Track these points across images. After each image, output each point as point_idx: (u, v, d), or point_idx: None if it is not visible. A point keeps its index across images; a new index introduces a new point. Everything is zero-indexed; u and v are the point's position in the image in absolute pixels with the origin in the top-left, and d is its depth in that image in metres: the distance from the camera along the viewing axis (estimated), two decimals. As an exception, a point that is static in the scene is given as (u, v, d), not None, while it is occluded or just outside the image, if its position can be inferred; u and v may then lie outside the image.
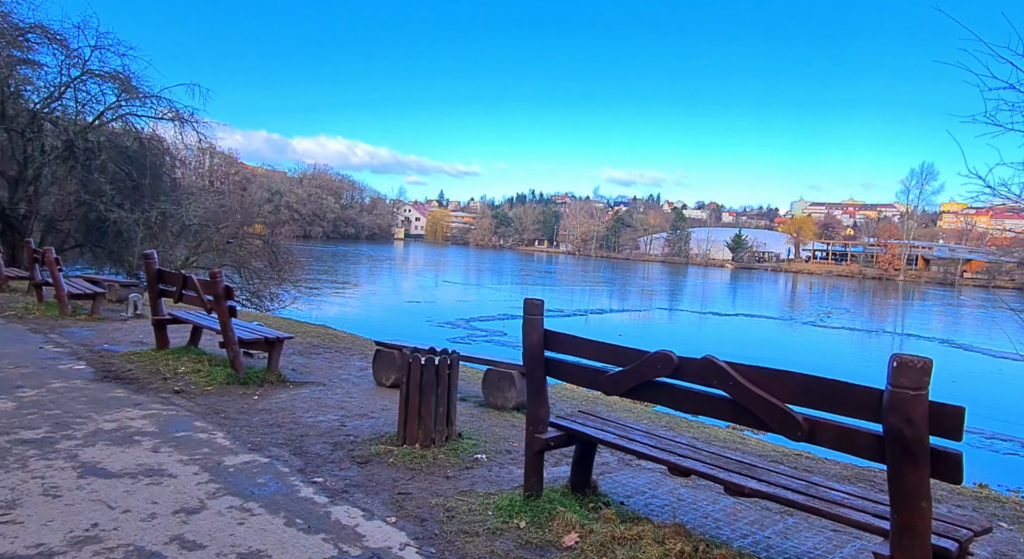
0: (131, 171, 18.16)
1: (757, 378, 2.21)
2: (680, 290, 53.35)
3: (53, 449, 3.73)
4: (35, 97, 17.90)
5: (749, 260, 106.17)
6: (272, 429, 4.47)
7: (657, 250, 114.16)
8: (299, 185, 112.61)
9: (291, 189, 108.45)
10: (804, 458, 4.56)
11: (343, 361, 7.53)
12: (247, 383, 5.71)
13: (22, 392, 4.95)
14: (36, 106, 17.66)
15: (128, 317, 9.43)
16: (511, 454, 4.11)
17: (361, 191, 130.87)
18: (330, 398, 5.54)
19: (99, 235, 17.94)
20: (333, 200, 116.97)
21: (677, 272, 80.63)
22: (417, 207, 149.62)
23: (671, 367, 2.50)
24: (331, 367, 7.09)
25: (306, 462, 3.82)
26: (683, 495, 3.48)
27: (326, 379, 6.38)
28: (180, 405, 4.92)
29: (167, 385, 5.48)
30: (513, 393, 5.17)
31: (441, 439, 4.03)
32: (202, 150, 27.38)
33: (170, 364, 6.14)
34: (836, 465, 4.41)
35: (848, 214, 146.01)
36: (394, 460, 3.83)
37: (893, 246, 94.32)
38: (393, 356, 6.13)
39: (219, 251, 18.45)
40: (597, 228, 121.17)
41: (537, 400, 3.09)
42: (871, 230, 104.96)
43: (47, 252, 8.85)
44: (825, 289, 64.80)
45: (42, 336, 7.46)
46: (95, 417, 4.43)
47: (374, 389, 6.10)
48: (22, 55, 17.07)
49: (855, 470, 4.25)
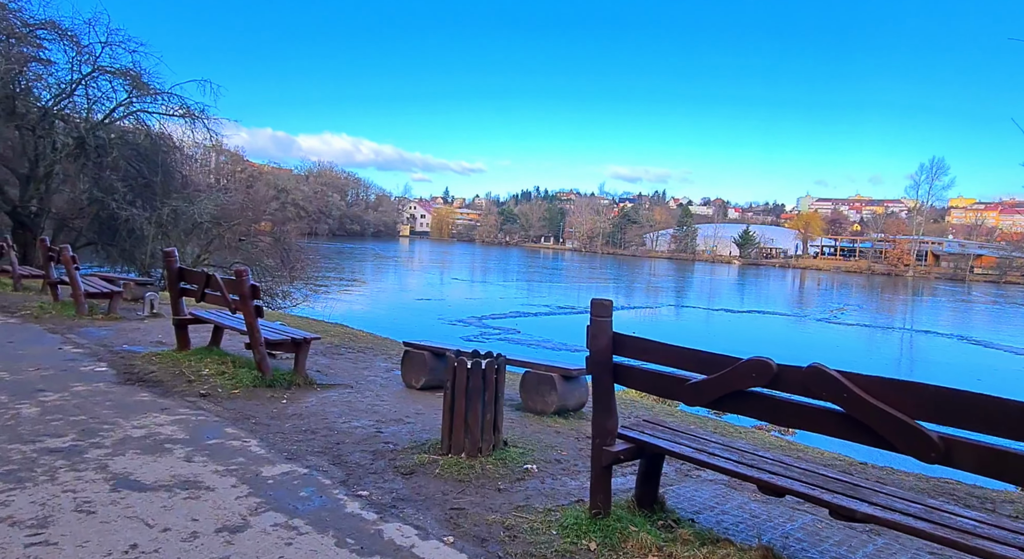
0: (142, 168, 18.01)
1: (879, 390, 1.98)
2: (689, 287, 53.01)
3: (82, 459, 3.54)
4: (46, 94, 17.78)
5: (757, 256, 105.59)
6: (307, 436, 4.27)
7: (663, 246, 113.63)
8: (305, 182, 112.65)
9: (297, 186, 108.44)
10: (872, 469, 4.32)
11: (367, 362, 7.33)
12: (274, 386, 5.51)
13: (45, 396, 4.76)
14: (47, 103, 17.52)
15: (144, 316, 9.26)
16: (562, 464, 3.89)
17: (366, 188, 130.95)
18: (360, 401, 5.33)
19: (111, 233, 17.81)
20: (339, 197, 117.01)
21: (684, 268, 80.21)
22: (422, 204, 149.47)
23: (768, 376, 2.27)
24: (356, 368, 6.89)
25: (347, 473, 3.61)
26: (755, 510, 3.25)
27: (353, 381, 6.18)
28: (208, 410, 4.72)
29: (192, 388, 5.28)
30: (554, 397, 4.95)
31: (488, 448, 3.81)
32: (208, 148, 27.26)
33: (193, 366, 5.95)
34: (910, 476, 4.17)
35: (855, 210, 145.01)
36: (440, 471, 3.62)
37: (902, 242, 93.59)
38: (423, 357, 5.92)
39: (231, 249, 18.29)
40: (603, 225, 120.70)
41: (604, 410, 2.87)
42: (879, 226, 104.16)
43: (63, 250, 8.68)
44: (834, 285, 64.30)
45: (60, 336, 7.29)
46: (122, 423, 4.24)
47: (403, 391, 5.89)
48: (33, 52, 16.92)
49: (932, 482, 4.00)
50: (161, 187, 17.62)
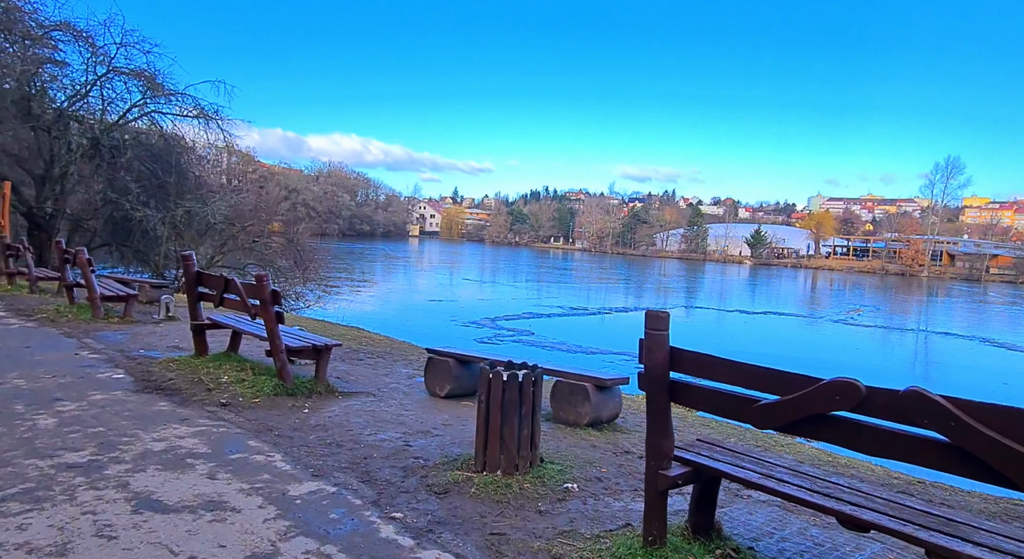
0: (156, 169, 17.98)
1: (993, 419, 1.76)
2: (701, 287, 52.59)
3: (101, 476, 3.37)
4: (61, 95, 17.78)
5: (768, 256, 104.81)
6: (332, 449, 4.09)
7: (674, 246, 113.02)
8: (315, 183, 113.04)
9: (307, 187, 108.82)
10: (933, 488, 4.09)
11: (387, 368, 7.16)
12: (295, 394, 5.34)
13: (62, 406, 4.61)
14: (62, 104, 17.52)
15: (160, 319, 9.15)
16: (603, 482, 3.68)
17: (376, 188, 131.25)
18: (384, 411, 5.15)
19: (124, 234, 17.79)
20: (349, 198, 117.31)
21: (695, 269, 79.68)
22: (432, 204, 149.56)
23: (856, 399, 2.06)
24: (376, 375, 6.71)
25: (378, 492, 3.42)
26: (817, 537, 3.03)
27: (375, 388, 6.00)
28: (229, 420, 4.55)
29: (212, 397, 5.12)
30: (587, 408, 4.75)
31: (525, 465, 3.61)
32: (220, 148, 27.29)
33: (212, 373, 5.80)
34: (975, 497, 3.93)
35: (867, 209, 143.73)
36: (476, 490, 3.42)
37: (916, 241, 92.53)
38: (447, 365, 5.73)
39: (244, 250, 18.23)
40: (613, 225, 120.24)
41: (660, 430, 2.66)
42: (892, 225, 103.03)
43: (79, 253, 8.58)
44: (848, 286, 63.63)
45: (76, 341, 7.17)
46: (142, 435, 4.08)
47: (428, 400, 5.70)
48: (48, 53, 16.93)
49: (1003, 505, 3.77)
50: (175, 188, 17.59)
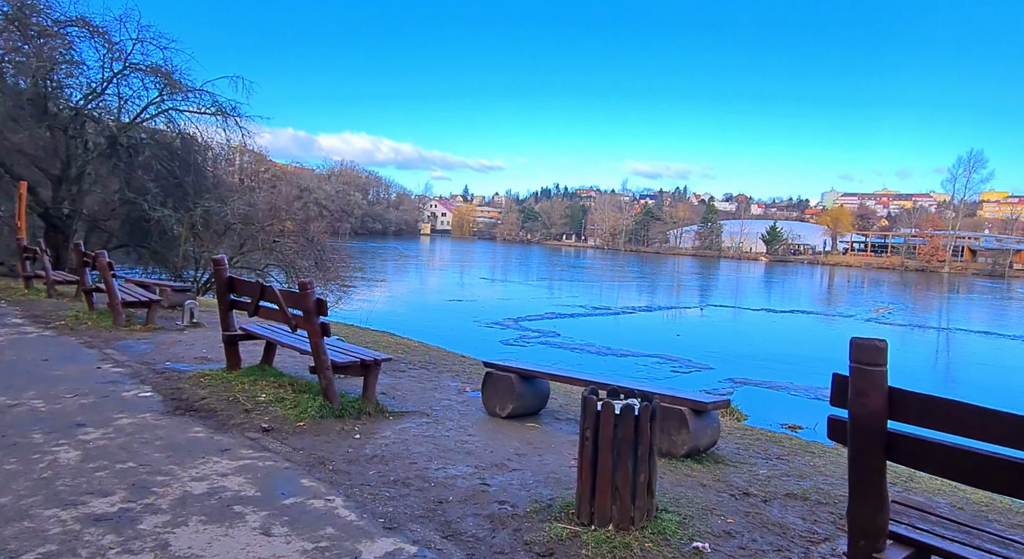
0: (174, 168, 17.52)
1: None
2: (720, 285, 51.70)
3: (135, 531, 2.79)
4: (77, 93, 17.36)
5: (784, 253, 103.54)
6: (399, 489, 3.49)
7: (687, 243, 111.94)
8: (327, 182, 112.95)
9: (319, 186, 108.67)
10: None
11: (434, 381, 6.56)
12: (342, 415, 4.75)
13: (85, 433, 4.05)
14: (78, 102, 17.10)
15: (184, 326, 8.62)
16: (736, 539, 3.04)
17: (387, 187, 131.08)
18: (445, 436, 4.55)
19: (142, 235, 17.35)
20: (360, 196, 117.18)
21: (710, 266, 78.70)
22: (443, 202, 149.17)
23: None
24: (423, 389, 6.11)
25: (468, 553, 2.81)
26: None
27: (426, 407, 5.40)
28: (274, 450, 3.97)
29: (251, 420, 4.54)
30: (685, 436, 4.11)
31: (642, 517, 2.98)
32: (233, 148, 26.87)
33: (248, 389, 5.23)
34: None
35: (882, 204, 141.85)
36: (588, 553, 2.80)
37: (936, 237, 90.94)
38: (509, 381, 5.12)
39: (265, 250, 17.73)
40: (625, 222, 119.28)
41: (872, 498, 2.02)
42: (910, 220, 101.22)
43: (99, 256, 8.06)
44: (870, 282, 62.44)
45: (97, 351, 6.64)
46: (178, 472, 3.50)
47: (488, 421, 5.09)
48: (63, 50, 16.50)
49: None
50: (193, 187, 17.12)
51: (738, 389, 14.93)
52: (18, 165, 16.07)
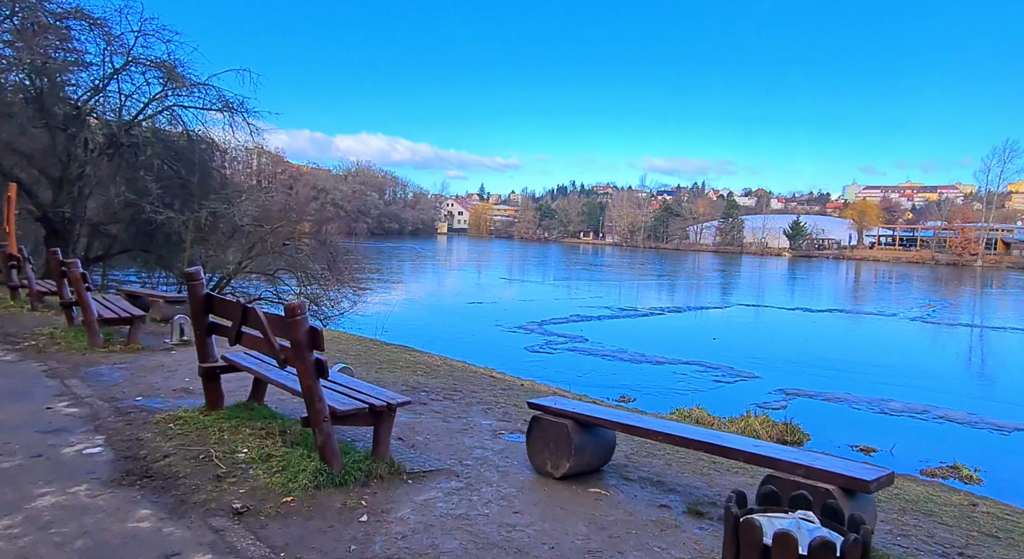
0: (179, 168, 16.54)
1: None
2: (746, 282, 49.93)
3: None
4: (77, 92, 16.43)
5: (808, 248, 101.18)
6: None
7: (708, 239, 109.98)
8: (343, 182, 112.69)
9: (336, 186, 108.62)
10: None
11: (462, 417, 5.33)
12: (345, 482, 3.54)
13: (-18, 526, 2.88)
14: (79, 99, 16.18)
15: (173, 344, 7.51)
16: None
17: (404, 187, 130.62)
18: (483, 515, 3.31)
19: (147, 238, 16.40)
20: (377, 196, 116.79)
21: (733, 262, 76.75)
22: (459, 201, 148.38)
23: None
24: (450, 431, 4.89)
25: None
26: None
27: (455, 459, 4.18)
28: (245, 552, 2.76)
29: (222, 493, 3.35)
30: (838, 531, 2.82)
31: None
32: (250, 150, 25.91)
33: (226, 440, 4.05)
34: None
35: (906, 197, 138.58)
36: None
37: (968, 229, 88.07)
38: (564, 430, 3.87)
39: (275, 253, 16.67)
40: (644, 218, 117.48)
41: None
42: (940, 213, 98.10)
43: (71, 265, 6.96)
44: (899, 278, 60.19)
45: (58, 382, 5.52)
46: (91, 605, 2.31)
47: (537, 484, 3.85)
48: (62, 44, 15.56)
49: None
50: (199, 187, 16.11)
51: (791, 402, 13.53)
52: (16, 166, 15.18)
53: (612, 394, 13.31)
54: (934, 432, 11.77)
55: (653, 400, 13.13)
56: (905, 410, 13.01)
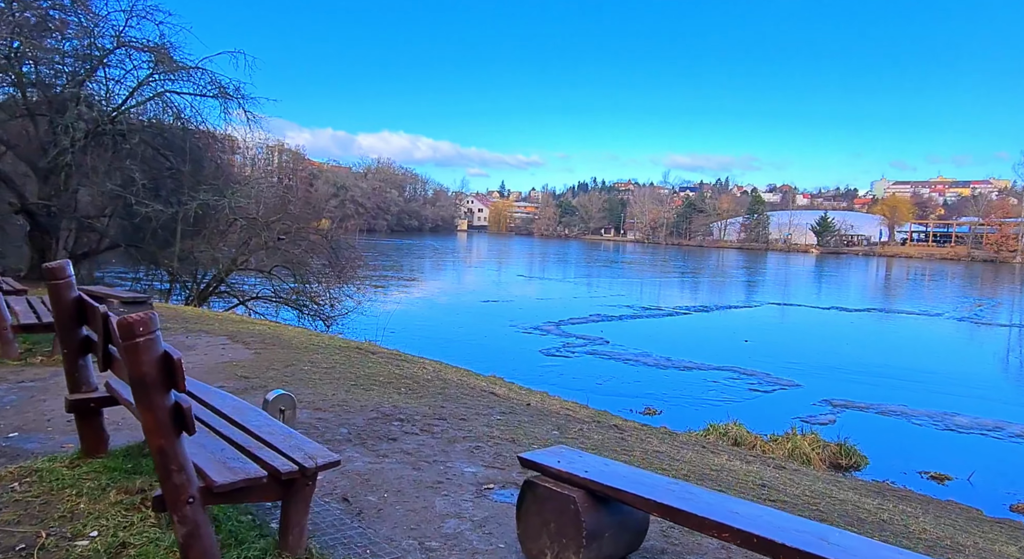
0: (169, 157, 15.48)
1: None
2: (774, 279, 47.91)
3: None
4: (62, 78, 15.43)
5: (837, 244, 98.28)
6: None
7: (732, 236, 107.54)
8: (363, 179, 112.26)
9: (356, 183, 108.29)
10: None
11: (439, 459, 3.98)
12: (226, 595, 2.23)
13: None
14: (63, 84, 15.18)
15: (113, 354, 6.29)
16: None
17: (424, 184, 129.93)
18: None
19: (136, 233, 15.37)
20: (397, 193, 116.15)
21: (758, 259, 74.46)
22: (479, 198, 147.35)
23: None
24: (419, 484, 3.54)
25: None
26: None
27: (414, 540, 2.83)
28: None
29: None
30: None
31: None
32: (270, 147, 24.80)
33: (76, 515, 2.77)
34: None
35: (937, 192, 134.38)
36: None
37: (1006, 225, 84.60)
38: (570, 506, 2.50)
39: (270, 249, 15.53)
40: (666, 214, 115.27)
41: None
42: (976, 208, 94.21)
43: (-23, 261, 5.79)
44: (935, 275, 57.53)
45: (-70, 408, 4.31)
46: None
47: (531, 591, 2.49)
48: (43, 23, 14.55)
49: None
50: (189, 178, 15.02)
51: (840, 415, 11.97)
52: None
53: (636, 404, 11.89)
54: (1015, 454, 10.14)
55: (682, 412, 11.69)
56: (974, 426, 11.38)
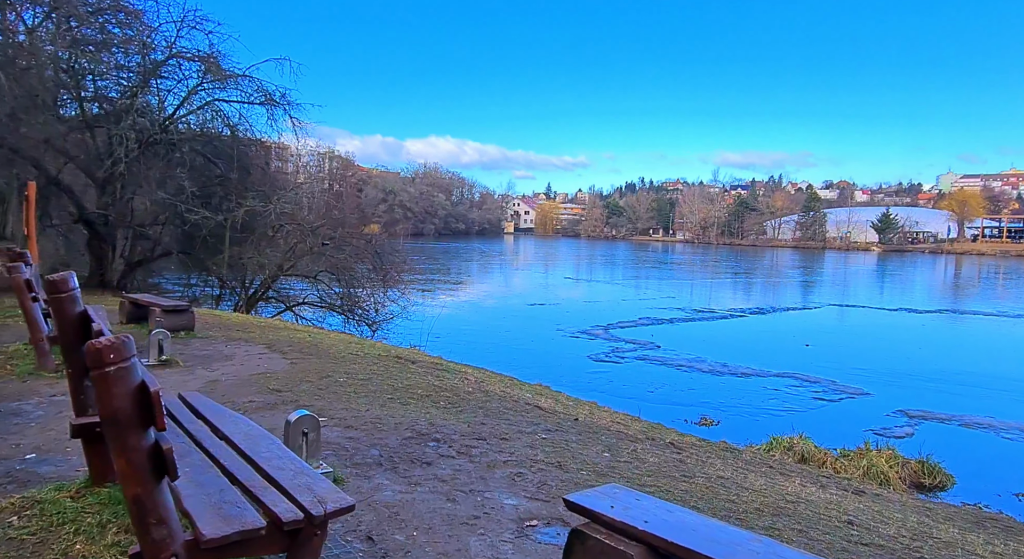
0: (219, 164, 15.71)
1: None
2: (833, 279, 45.69)
3: None
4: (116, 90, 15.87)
5: (900, 241, 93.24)
6: None
7: (787, 234, 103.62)
8: (411, 184, 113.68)
9: (404, 188, 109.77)
10: None
11: (477, 488, 3.56)
12: None
13: None
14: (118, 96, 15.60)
15: (150, 364, 6.17)
16: None
17: (471, 187, 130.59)
18: None
19: (188, 240, 15.65)
20: (444, 197, 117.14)
21: (816, 258, 71.32)
22: (525, 201, 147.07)
23: None
24: (452, 520, 3.13)
25: None
26: None
27: (443, 597, 2.42)
28: None
29: None
30: None
31: None
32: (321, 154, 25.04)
33: (77, 551, 2.49)
34: None
35: (1010, 185, 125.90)
36: None
37: (1092, 219, 78.47)
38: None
39: (315, 254, 15.54)
40: (717, 213, 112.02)
41: None
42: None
43: (14, 271, 5.73)
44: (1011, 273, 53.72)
45: (-42, 424, 4.19)
46: None
47: None
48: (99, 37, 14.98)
49: None
50: (237, 185, 15.19)
51: (918, 427, 10.98)
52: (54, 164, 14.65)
53: (691, 414, 11.22)
54: None
55: (741, 423, 10.95)
56: (1077, 443, 10.23)
